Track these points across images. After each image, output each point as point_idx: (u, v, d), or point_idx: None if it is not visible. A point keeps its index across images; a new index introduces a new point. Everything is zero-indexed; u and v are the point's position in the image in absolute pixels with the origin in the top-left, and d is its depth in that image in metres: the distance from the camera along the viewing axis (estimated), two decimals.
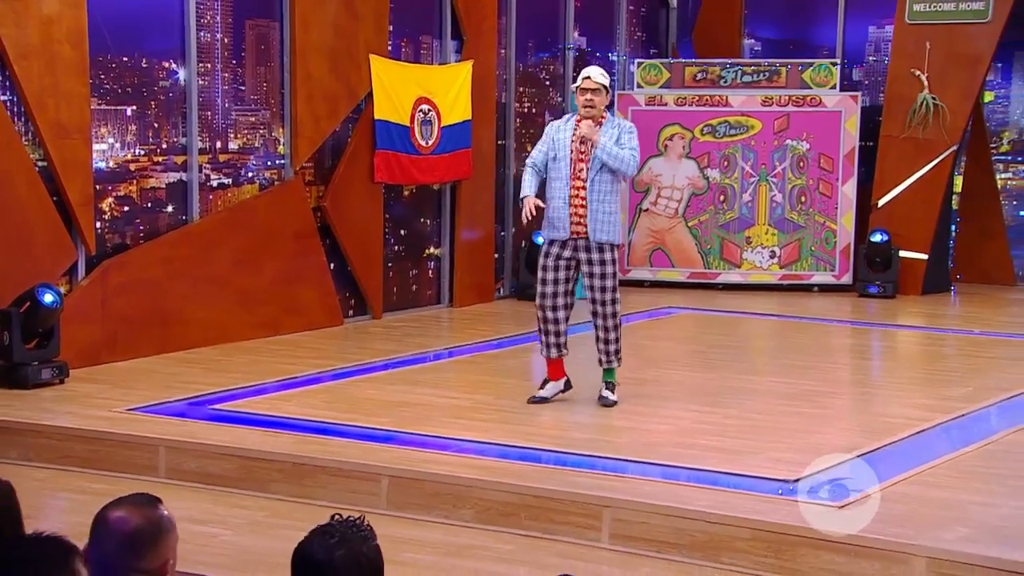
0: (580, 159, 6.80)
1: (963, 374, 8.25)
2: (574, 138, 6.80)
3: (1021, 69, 12.45)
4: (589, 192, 6.76)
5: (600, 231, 6.77)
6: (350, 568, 2.43)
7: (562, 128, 6.92)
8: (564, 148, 6.84)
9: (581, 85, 6.82)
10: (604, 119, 6.84)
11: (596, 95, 6.77)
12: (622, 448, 6.12)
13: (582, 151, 6.81)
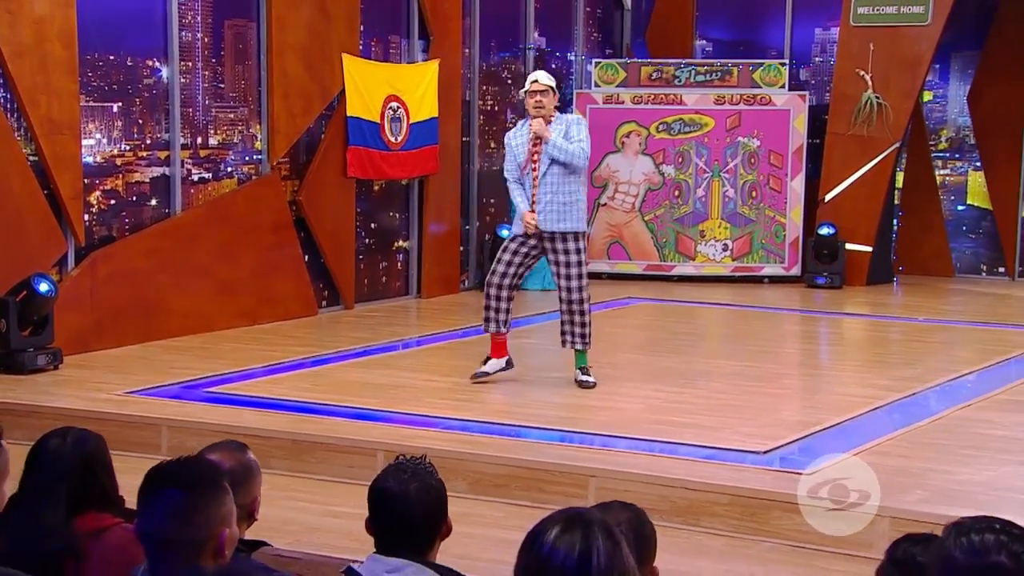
0: (533, 158, 7.17)
1: (910, 357, 8.76)
2: (528, 139, 7.16)
3: (958, 70, 13.03)
4: (541, 186, 7.12)
5: (551, 221, 7.10)
6: (422, 497, 2.82)
7: (517, 134, 7.28)
8: (521, 151, 7.21)
9: (529, 88, 7.18)
10: (553, 118, 7.19)
11: (544, 96, 7.12)
12: (601, 425, 6.53)
13: (534, 151, 7.15)
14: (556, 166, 7.12)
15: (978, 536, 1.93)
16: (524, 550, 2.23)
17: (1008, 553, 1.90)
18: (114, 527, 3.12)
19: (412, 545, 2.82)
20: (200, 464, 2.51)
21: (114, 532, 3.10)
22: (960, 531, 1.96)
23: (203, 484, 2.41)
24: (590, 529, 2.19)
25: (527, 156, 7.18)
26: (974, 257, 12.95)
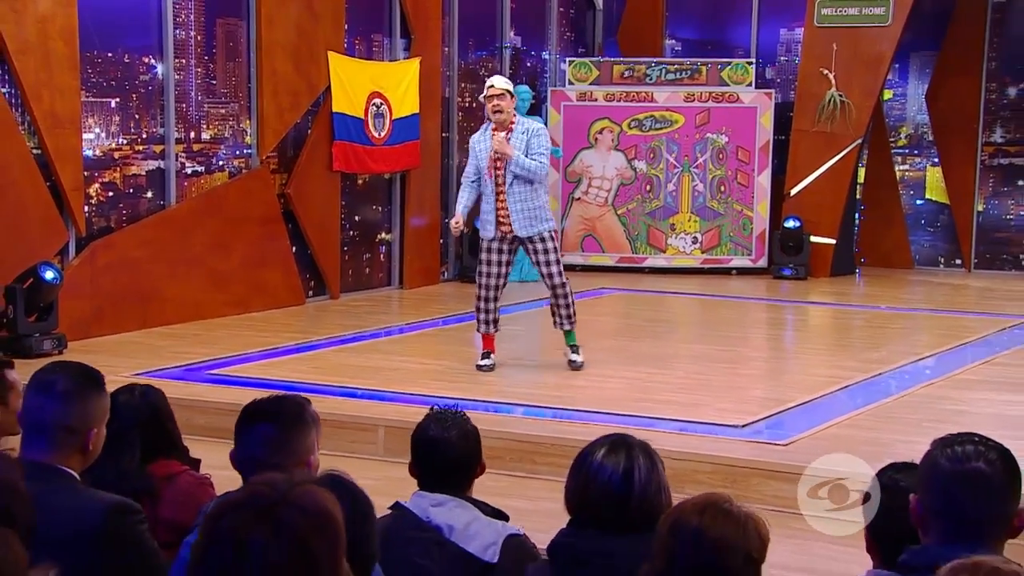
0: (497, 168, 7.51)
1: (874, 341, 9.23)
2: (491, 149, 7.46)
3: (916, 69, 13.51)
4: (508, 196, 7.49)
5: (526, 227, 7.51)
6: (461, 442, 3.21)
7: (480, 139, 7.63)
8: (484, 158, 7.54)
9: (487, 93, 7.51)
10: (514, 122, 7.51)
11: (502, 100, 7.44)
12: (586, 402, 6.92)
13: (497, 160, 7.49)
14: (519, 178, 7.47)
15: (960, 447, 2.34)
16: (575, 468, 2.63)
17: (985, 460, 2.31)
18: (183, 473, 3.49)
19: (452, 483, 3.20)
20: (288, 401, 2.88)
21: (183, 478, 3.47)
22: (945, 443, 2.37)
23: (290, 418, 2.78)
24: (632, 450, 2.59)
25: (490, 164, 7.51)
26: (932, 249, 13.45)
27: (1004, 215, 13.03)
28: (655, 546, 2.15)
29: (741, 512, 2.16)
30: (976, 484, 2.29)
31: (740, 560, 2.12)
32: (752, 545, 2.14)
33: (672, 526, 2.17)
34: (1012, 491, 2.32)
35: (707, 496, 2.21)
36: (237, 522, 1.67)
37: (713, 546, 2.12)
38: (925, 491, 2.36)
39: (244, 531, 1.65)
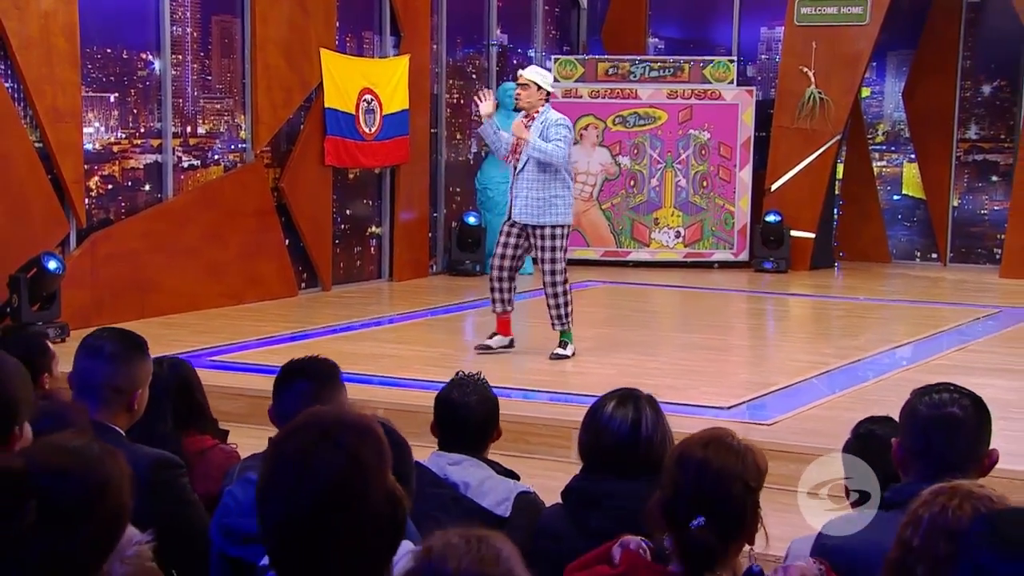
0: (515, 151, 7.76)
1: (852, 330, 9.53)
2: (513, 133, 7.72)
3: (893, 68, 13.81)
4: (518, 181, 7.73)
5: (525, 215, 7.69)
6: (480, 407, 3.47)
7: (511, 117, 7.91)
8: (508, 141, 7.78)
9: (517, 81, 7.82)
10: (538, 111, 7.75)
11: (524, 89, 7.70)
12: (577, 386, 7.17)
13: (517, 145, 7.74)
14: (532, 163, 7.65)
15: (937, 395, 2.61)
16: (587, 420, 2.88)
17: (959, 406, 2.58)
18: (214, 447, 3.71)
19: (470, 444, 3.45)
20: (321, 361, 3.12)
21: (215, 452, 3.70)
22: (923, 392, 2.63)
23: (324, 377, 3.02)
24: (639, 402, 2.84)
25: (512, 146, 7.73)
26: (909, 244, 13.76)
27: (978, 210, 13.34)
28: (664, 477, 2.40)
29: (741, 445, 2.41)
30: (951, 427, 2.55)
31: (740, 488, 2.37)
32: (750, 475, 2.39)
33: (679, 458, 2.42)
34: (983, 433, 2.59)
35: (711, 431, 2.46)
36: (300, 443, 1.93)
37: (715, 476, 2.36)
38: (906, 435, 2.62)
39: (307, 450, 1.91)
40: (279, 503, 1.92)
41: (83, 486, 1.92)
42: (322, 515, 1.89)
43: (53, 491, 1.88)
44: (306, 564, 1.91)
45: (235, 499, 2.92)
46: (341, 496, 1.89)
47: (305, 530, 1.90)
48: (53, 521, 1.88)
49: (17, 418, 2.17)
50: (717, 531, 2.35)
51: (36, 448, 2.00)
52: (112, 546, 1.99)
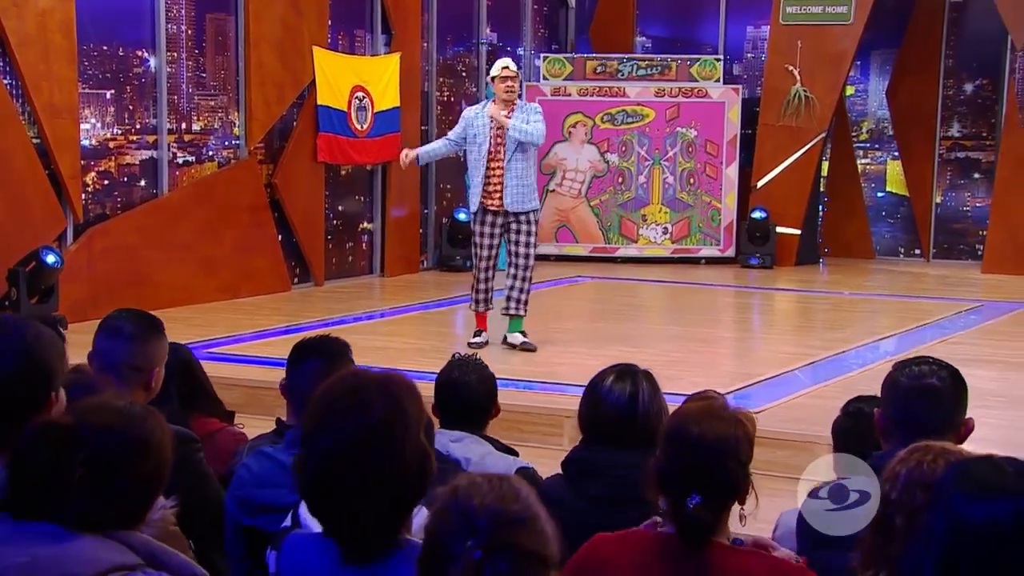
0: (498, 143, 7.90)
1: (837, 323, 9.71)
2: (492, 124, 7.83)
3: (877, 67, 14.00)
4: (507, 171, 7.86)
5: (516, 202, 7.86)
6: (479, 385, 3.61)
7: (480, 115, 7.95)
8: (483, 133, 7.87)
9: (500, 74, 7.86)
10: (515, 104, 7.91)
11: (515, 81, 7.88)
12: (568, 376, 7.31)
13: (499, 135, 7.87)
14: (519, 153, 7.83)
15: (917, 367, 2.77)
16: (587, 393, 3.03)
17: (937, 377, 2.74)
18: (222, 431, 3.84)
19: (470, 422, 3.60)
20: (332, 340, 3.27)
21: (223, 434, 3.83)
22: (904, 364, 2.79)
23: (335, 354, 3.17)
24: (637, 377, 2.99)
25: (491, 140, 7.88)
26: (892, 240, 13.95)
27: (961, 207, 13.54)
28: (660, 445, 2.54)
29: (733, 416, 2.56)
30: (930, 397, 2.71)
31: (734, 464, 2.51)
32: (744, 449, 2.53)
33: (674, 434, 2.56)
34: (960, 403, 2.75)
35: (704, 404, 2.60)
36: (353, 386, 2.11)
37: (710, 452, 2.50)
38: (887, 405, 2.78)
39: (358, 392, 2.09)
40: (328, 436, 2.11)
41: (127, 441, 2.07)
42: (364, 451, 2.07)
43: (100, 445, 2.03)
44: (339, 500, 2.07)
45: (250, 471, 3.06)
46: (383, 437, 2.07)
47: (346, 464, 2.08)
48: (100, 472, 2.02)
49: (53, 384, 2.31)
50: (712, 503, 2.48)
51: (83, 407, 2.14)
52: (154, 497, 2.14)
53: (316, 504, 2.15)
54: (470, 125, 7.96)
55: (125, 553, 2.01)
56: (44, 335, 2.34)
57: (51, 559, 1.96)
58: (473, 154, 7.98)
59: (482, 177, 7.89)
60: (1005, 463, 1.82)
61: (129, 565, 1.99)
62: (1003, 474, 1.78)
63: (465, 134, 7.99)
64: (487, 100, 8.09)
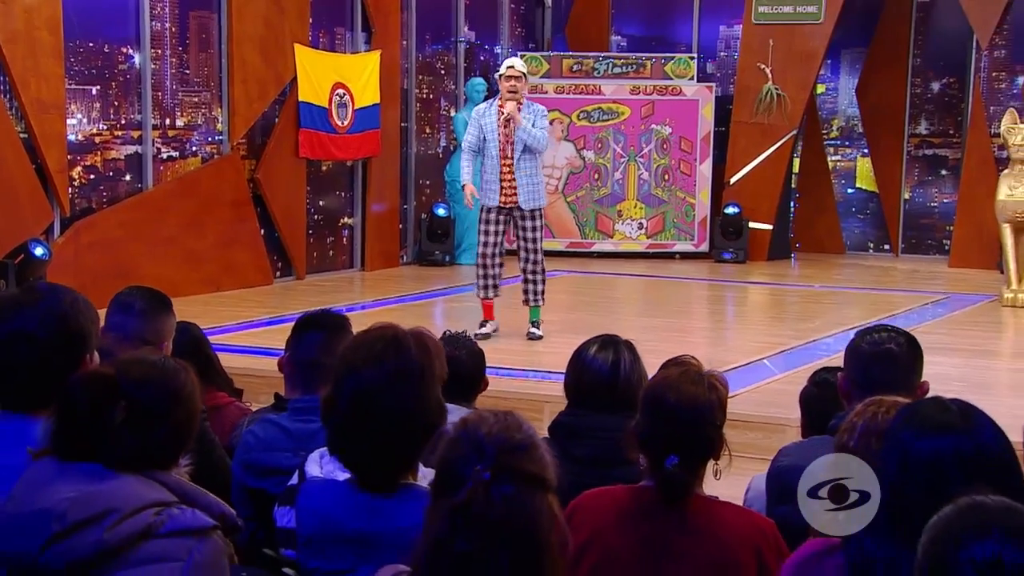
0: (507, 141, 8.08)
1: (808, 314, 9.96)
2: (499, 122, 8.03)
3: (847, 65, 14.27)
4: (516, 169, 8.05)
5: (530, 200, 8.09)
6: (469, 359, 3.82)
7: (487, 113, 8.12)
8: (492, 131, 8.06)
9: (506, 73, 8.03)
10: (522, 103, 8.13)
11: (519, 82, 8.02)
12: (550, 364, 7.52)
13: (507, 133, 8.04)
14: (527, 152, 8.03)
15: (876, 334, 2.99)
16: (572, 362, 3.25)
17: (895, 343, 2.96)
18: (230, 405, 4.03)
19: (461, 395, 3.80)
20: (332, 314, 3.47)
21: (230, 409, 4.01)
22: (864, 332, 3.02)
23: (336, 327, 3.37)
24: (619, 346, 3.21)
25: (500, 138, 8.03)
26: (862, 235, 14.23)
27: (928, 203, 13.84)
28: (640, 409, 2.76)
29: (708, 382, 2.77)
30: (889, 361, 2.94)
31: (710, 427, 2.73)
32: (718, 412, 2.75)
33: (653, 400, 2.77)
34: (916, 367, 2.98)
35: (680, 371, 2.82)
36: (389, 334, 2.34)
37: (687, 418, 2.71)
38: (850, 369, 3.00)
39: (393, 338, 2.32)
40: (364, 375, 2.36)
41: (163, 391, 2.27)
42: (395, 389, 2.31)
43: (139, 394, 2.24)
44: (365, 435, 2.30)
45: (256, 437, 3.25)
46: (415, 378, 2.33)
47: (376, 401, 2.31)
48: (139, 418, 2.23)
49: (88, 346, 2.51)
50: (689, 463, 2.70)
51: (123, 361, 2.35)
52: (187, 442, 2.34)
53: (342, 438, 2.37)
54: (480, 123, 8.12)
55: (161, 491, 2.22)
56: (79, 301, 2.54)
57: (95, 495, 2.16)
58: (483, 152, 8.14)
59: (497, 174, 8.06)
60: (950, 403, 2.04)
61: (165, 502, 2.20)
62: (948, 412, 2.01)
63: (480, 134, 8.12)
64: (494, 98, 8.24)
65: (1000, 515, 1.59)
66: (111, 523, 2.13)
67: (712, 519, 2.67)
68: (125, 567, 2.14)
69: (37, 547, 2.12)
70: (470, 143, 8.21)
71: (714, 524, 2.65)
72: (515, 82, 8.01)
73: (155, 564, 2.15)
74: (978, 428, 1.99)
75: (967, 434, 1.96)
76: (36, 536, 2.12)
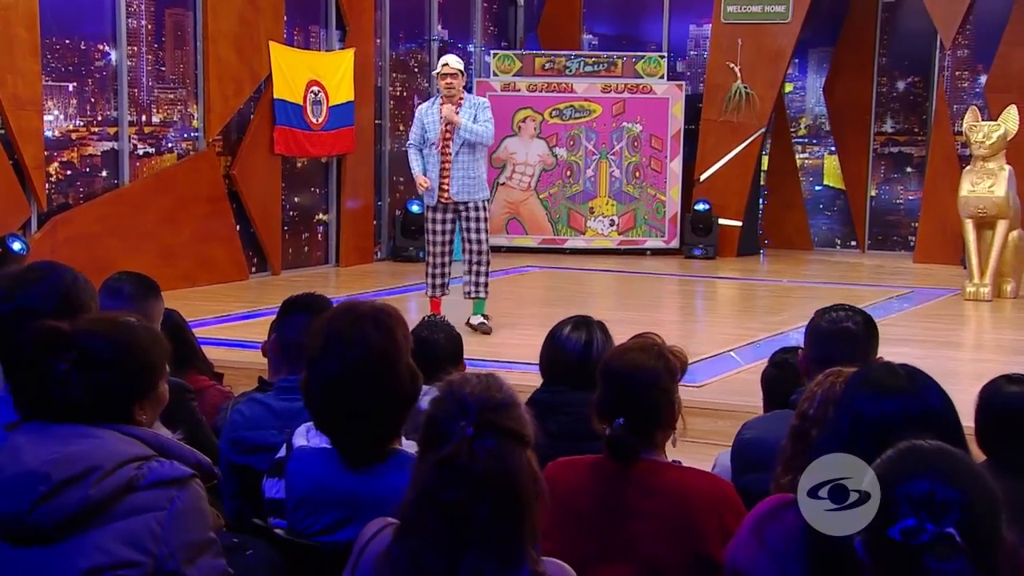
0: (446, 138, 8.21)
1: (776, 308, 10.15)
2: (440, 120, 8.17)
3: (814, 64, 14.48)
4: (454, 164, 8.20)
5: (462, 192, 8.22)
6: (447, 343, 3.95)
7: (429, 111, 8.30)
8: (433, 129, 8.22)
9: (441, 71, 8.21)
10: (463, 98, 8.26)
11: (455, 79, 8.15)
12: (521, 356, 7.65)
13: (447, 131, 8.18)
14: (466, 147, 8.18)
15: (835, 313, 3.16)
16: (547, 341, 3.40)
17: (852, 322, 3.13)
18: (211, 388, 4.15)
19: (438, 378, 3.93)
20: (317, 297, 3.60)
21: (212, 391, 4.14)
22: (823, 311, 3.18)
23: (320, 309, 3.49)
24: (591, 327, 3.37)
25: (440, 136, 8.19)
26: (829, 232, 14.45)
27: (894, 200, 14.07)
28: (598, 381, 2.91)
29: (657, 351, 2.92)
30: (847, 338, 3.10)
31: (656, 391, 2.87)
32: (666, 377, 2.89)
33: (605, 367, 2.93)
34: (872, 344, 3.14)
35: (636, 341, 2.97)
36: (352, 319, 2.46)
37: (634, 382, 2.86)
38: (809, 346, 3.16)
39: (357, 324, 2.44)
40: (330, 363, 2.45)
41: (111, 344, 2.39)
42: (362, 377, 2.41)
43: (88, 344, 2.36)
44: (342, 416, 2.42)
45: (242, 415, 3.38)
46: (379, 364, 2.43)
47: (346, 387, 2.42)
48: (88, 367, 2.35)
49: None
50: (636, 425, 2.84)
51: (81, 318, 2.48)
52: (139, 393, 2.44)
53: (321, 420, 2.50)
54: (422, 121, 8.28)
55: (139, 445, 2.36)
56: (79, 279, 2.68)
57: (77, 455, 2.29)
58: (426, 149, 8.29)
59: (438, 172, 8.20)
60: (898, 367, 2.20)
61: (143, 456, 2.33)
62: (896, 376, 2.16)
63: (422, 132, 8.28)
64: (436, 96, 8.38)
65: (934, 456, 1.75)
66: (94, 480, 2.26)
67: (672, 481, 2.83)
68: (111, 520, 2.27)
69: (26, 508, 2.24)
70: (413, 141, 8.38)
71: (674, 486, 2.80)
72: (451, 79, 8.12)
73: (139, 515, 2.29)
74: (924, 390, 2.14)
75: (914, 396, 2.12)
76: (25, 498, 2.25)
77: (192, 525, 2.33)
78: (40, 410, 2.36)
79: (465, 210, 8.28)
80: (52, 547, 2.26)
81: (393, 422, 2.52)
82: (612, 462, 2.85)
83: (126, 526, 2.27)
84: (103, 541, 2.26)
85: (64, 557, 2.25)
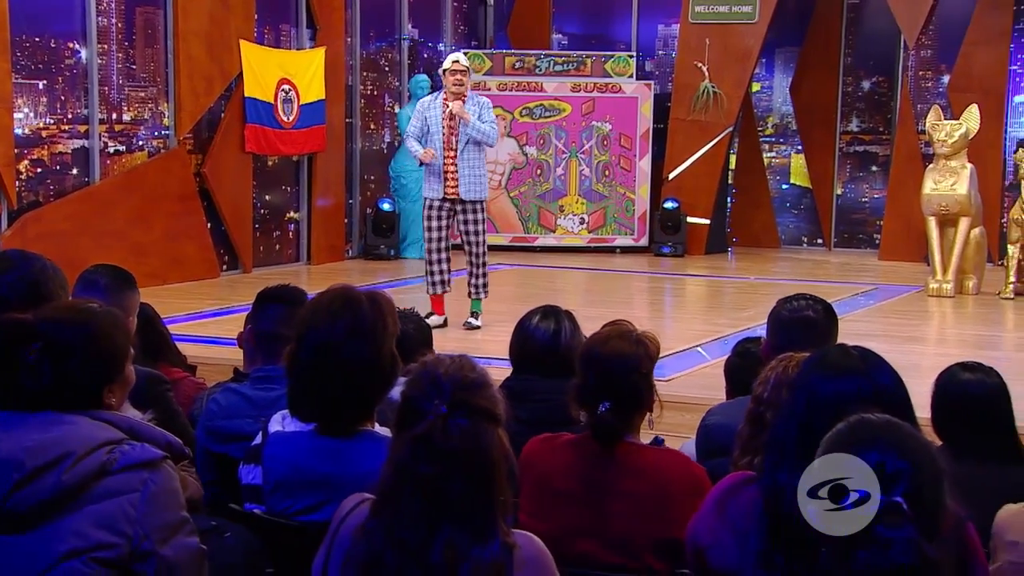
0: (451, 133, 8.26)
1: (744, 304, 10.27)
2: (444, 115, 8.23)
3: (781, 64, 14.63)
4: (459, 160, 8.24)
5: (470, 191, 8.27)
6: (417, 333, 4.05)
7: (432, 105, 8.31)
8: (436, 123, 8.25)
9: (450, 68, 8.23)
10: (466, 96, 8.35)
11: (464, 75, 8.25)
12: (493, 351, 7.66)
13: (452, 126, 8.22)
14: (472, 144, 8.21)
15: (796, 302, 3.26)
16: (517, 330, 3.49)
17: (813, 310, 3.23)
18: (184, 379, 4.21)
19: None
20: (292, 288, 3.67)
21: (185, 383, 4.19)
22: (784, 300, 3.28)
23: (295, 301, 3.57)
24: (560, 316, 3.46)
25: (444, 131, 8.19)
26: (796, 230, 14.61)
27: (860, 198, 14.24)
28: (576, 366, 3.00)
29: (635, 337, 3.02)
30: (807, 326, 3.20)
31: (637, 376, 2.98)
32: (644, 363, 3.00)
33: (586, 354, 3.03)
34: (832, 332, 3.25)
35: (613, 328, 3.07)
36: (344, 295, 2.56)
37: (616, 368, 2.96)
38: (771, 334, 3.26)
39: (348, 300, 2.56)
40: (323, 331, 2.56)
41: (76, 331, 2.46)
42: (351, 344, 2.52)
43: (52, 333, 2.43)
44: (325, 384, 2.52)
45: (219, 405, 3.44)
46: (368, 333, 2.52)
47: (334, 355, 2.51)
48: (54, 354, 2.42)
49: None
50: (620, 409, 2.95)
51: (43, 308, 2.55)
52: (107, 376, 2.51)
53: (304, 388, 2.59)
54: (424, 116, 8.29)
55: (110, 430, 2.42)
56: (48, 268, 2.74)
57: (50, 442, 2.36)
58: (428, 144, 8.27)
59: (441, 166, 8.23)
60: (852, 349, 2.29)
61: (115, 440, 2.40)
62: (850, 357, 2.26)
63: (424, 126, 8.29)
64: (439, 91, 8.41)
65: (884, 429, 1.84)
66: (67, 465, 2.33)
67: (650, 462, 2.93)
68: (86, 504, 2.34)
69: (2, 495, 2.31)
70: (412, 133, 8.35)
71: (652, 466, 2.90)
72: (460, 76, 8.20)
73: (113, 498, 2.35)
74: (877, 371, 2.24)
75: (867, 376, 2.22)
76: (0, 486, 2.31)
77: (165, 506, 2.40)
78: (11, 400, 2.42)
79: (465, 210, 8.31)
80: (29, 533, 2.31)
81: (370, 397, 2.62)
82: (591, 443, 2.95)
83: (101, 509, 2.34)
84: (79, 525, 2.33)
85: (41, 542, 2.32)
